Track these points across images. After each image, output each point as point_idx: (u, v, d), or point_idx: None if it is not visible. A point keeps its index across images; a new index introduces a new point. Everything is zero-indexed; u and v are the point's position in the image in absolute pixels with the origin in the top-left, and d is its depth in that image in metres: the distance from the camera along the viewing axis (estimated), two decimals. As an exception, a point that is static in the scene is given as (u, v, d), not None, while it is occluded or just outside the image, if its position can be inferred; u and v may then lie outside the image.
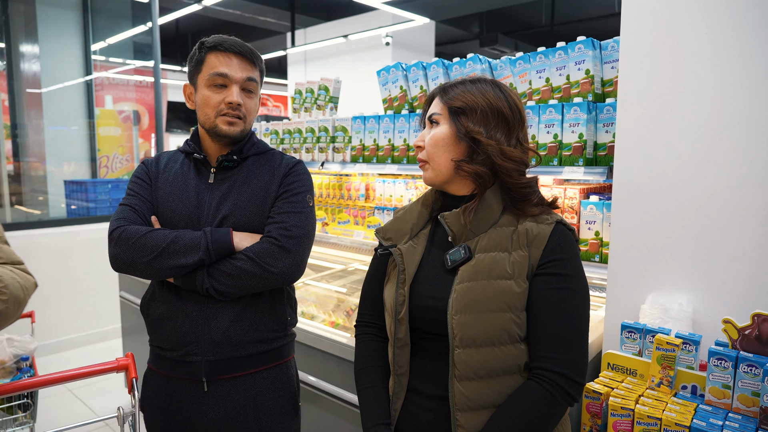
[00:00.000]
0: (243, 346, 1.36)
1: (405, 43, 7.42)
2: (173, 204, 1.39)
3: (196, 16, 7.48)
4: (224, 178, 1.41)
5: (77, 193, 5.09)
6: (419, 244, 1.17)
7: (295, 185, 1.42)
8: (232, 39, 1.38)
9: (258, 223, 1.39)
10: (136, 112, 6.81)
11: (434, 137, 1.12)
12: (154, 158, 1.50)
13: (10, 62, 6.28)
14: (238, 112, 1.37)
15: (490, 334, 1.02)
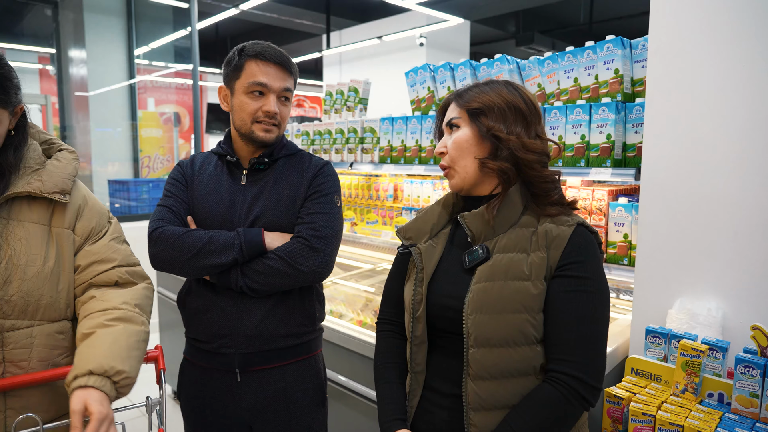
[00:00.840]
0: (274, 340, 1.42)
1: (439, 44, 7.40)
2: (208, 205, 1.45)
3: (234, 20, 7.65)
4: (256, 180, 1.46)
5: (120, 192, 5.29)
6: (439, 243, 1.18)
7: (323, 186, 1.47)
8: (271, 49, 1.42)
9: (288, 223, 1.43)
10: (176, 113, 7.03)
11: (457, 140, 1.13)
12: (189, 160, 1.55)
13: (60, 67, 6.58)
14: (275, 120, 1.42)
15: (505, 334, 1.02)
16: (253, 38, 1.50)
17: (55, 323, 1.16)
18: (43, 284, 1.13)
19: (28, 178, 1.14)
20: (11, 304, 1.09)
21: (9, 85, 1.07)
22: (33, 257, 1.13)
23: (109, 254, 1.23)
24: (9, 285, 1.09)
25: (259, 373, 1.43)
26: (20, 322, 1.11)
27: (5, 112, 1.08)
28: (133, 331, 1.14)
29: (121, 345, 1.09)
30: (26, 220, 1.14)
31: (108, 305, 1.15)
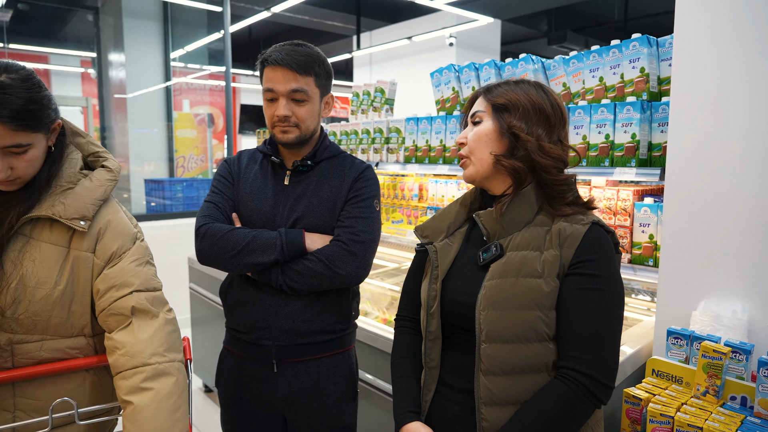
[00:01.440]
0: (309, 335, 1.47)
1: (470, 43, 7.37)
2: (252, 203, 1.50)
3: (267, 22, 7.78)
4: (298, 181, 1.50)
5: (155, 191, 5.46)
6: (455, 242, 1.20)
7: (363, 191, 1.49)
8: (280, 51, 1.41)
9: (328, 225, 1.48)
10: (210, 115, 7.20)
11: (477, 133, 1.14)
12: (236, 157, 1.60)
13: (100, 70, 6.83)
14: (288, 123, 1.44)
15: (517, 330, 1.03)
16: (285, 39, 1.52)
17: (68, 339, 1.18)
18: (52, 307, 1.14)
19: (54, 199, 1.15)
20: (19, 322, 1.12)
21: (40, 110, 1.08)
22: (43, 280, 1.13)
23: (127, 278, 1.19)
24: (18, 304, 1.11)
25: (294, 364, 1.48)
26: (30, 336, 1.14)
27: (40, 135, 1.10)
28: (171, 391, 1.12)
29: (164, 415, 1.09)
30: (45, 241, 1.15)
31: (137, 362, 1.12)
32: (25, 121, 1.04)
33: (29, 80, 1.07)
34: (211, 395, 3.45)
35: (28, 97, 1.05)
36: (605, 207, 1.88)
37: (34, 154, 1.10)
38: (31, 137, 1.08)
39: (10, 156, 1.06)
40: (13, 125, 1.03)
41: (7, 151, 1.05)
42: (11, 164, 1.07)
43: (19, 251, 1.12)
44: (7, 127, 1.02)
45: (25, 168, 1.09)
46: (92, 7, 6.74)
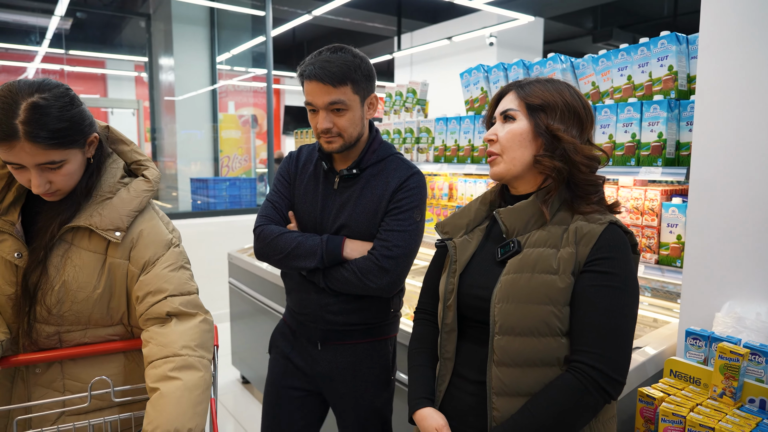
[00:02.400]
0: (350, 325, 1.56)
1: (511, 43, 7.30)
2: (305, 205, 1.59)
3: (309, 25, 7.94)
4: (346, 187, 1.55)
5: (201, 190, 5.67)
6: (474, 238, 1.23)
7: (403, 202, 1.50)
8: (314, 64, 1.42)
9: (369, 233, 1.52)
10: (254, 116, 7.41)
11: (512, 132, 1.15)
12: (296, 152, 1.68)
13: (151, 74, 7.14)
14: (330, 134, 1.48)
15: (530, 324, 1.05)
16: (328, 42, 1.55)
17: (108, 327, 1.27)
18: (92, 306, 1.22)
19: (93, 209, 1.20)
20: (64, 318, 1.21)
21: (72, 127, 1.11)
22: (84, 284, 1.20)
23: (161, 284, 1.23)
24: (62, 304, 1.20)
25: (335, 346, 1.58)
26: (74, 327, 1.24)
27: (74, 150, 1.14)
28: (196, 383, 1.16)
29: (186, 403, 1.12)
30: (85, 248, 1.21)
31: (169, 351, 1.17)
32: (57, 140, 1.08)
33: (62, 98, 1.10)
34: (248, 387, 3.57)
35: (60, 116, 1.08)
36: (632, 207, 1.86)
37: (70, 169, 1.14)
38: (65, 153, 1.11)
39: (47, 171, 1.11)
40: (46, 144, 1.06)
41: (43, 167, 1.10)
42: (49, 179, 1.12)
43: (61, 257, 1.19)
44: (41, 146, 1.06)
45: (63, 182, 1.14)
46: (144, 14, 7.07)
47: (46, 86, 1.09)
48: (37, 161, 1.07)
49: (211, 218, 4.99)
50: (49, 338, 1.23)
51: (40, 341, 1.22)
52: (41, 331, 1.22)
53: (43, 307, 1.19)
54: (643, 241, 1.83)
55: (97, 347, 1.27)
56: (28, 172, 1.09)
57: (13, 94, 1.04)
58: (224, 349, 3.92)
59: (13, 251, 1.17)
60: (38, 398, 1.23)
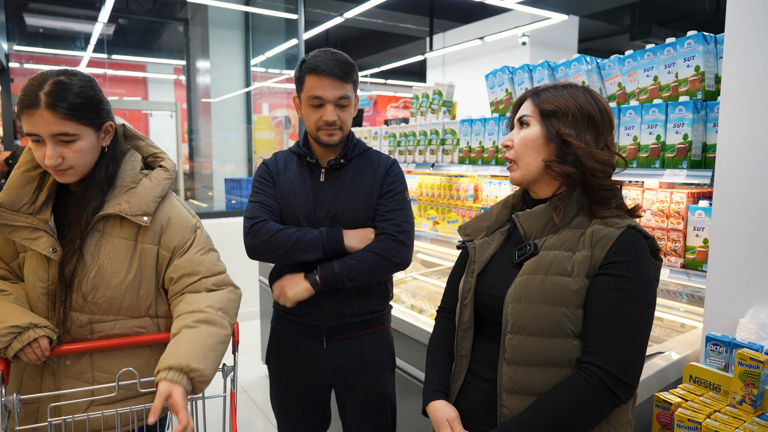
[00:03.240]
0: (354, 317, 1.64)
1: (545, 42, 7.20)
2: (294, 200, 1.64)
3: (342, 27, 8.02)
4: (333, 177, 1.64)
5: (234, 190, 5.81)
6: (494, 240, 1.25)
7: (395, 185, 1.64)
8: (325, 62, 1.52)
9: (364, 217, 1.62)
10: (287, 117, 7.53)
11: (524, 138, 1.17)
12: (272, 158, 1.74)
13: (189, 76, 7.36)
14: (335, 127, 1.56)
15: (541, 324, 1.06)
16: (360, 43, 1.64)
17: (136, 319, 1.36)
18: (124, 292, 1.31)
19: (120, 198, 1.30)
20: (98, 305, 1.30)
21: (89, 104, 1.22)
22: (117, 270, 1.30)
23: (194, 267, 1.36)
24: (97, 291, 1.29)
25: (341, 341, 1.64)
26: (105, 317, 1.32)
27: (88, 129, 1.23)
28: (213, 334, 1.28)
29: (199, 346, 1.24)
30: (116, 236, 1.31)
31: (194, 307, 1.30)
32: (74, 111, 1.18)
33: (84, 81, 1.22)
34: (277, 383, 3.64)
35: (79, 92, 1.19)
36: (658, 210, 1.83)
37: (82, 146, 1.22)
38: (79, 128, 1.20)
39: (60, 145, 1.19)
40: (62, 114, 1.16)
41: (57, 139, 1.18)
42: (62, 153, 1.19)
43: (95, 245, 1.29)
44: (58, 115, 1.16)
45: (74, 158, 1.21)
46: (183, 19, 7.28)
47: (73, 72, 1.22)
48: (52, 131, 1.17)
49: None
50: (82, 328, 1.30)
51: (73, 330, 1.30)
52: (75, 320, 1.29)
53: (79, 294, 1.28)
54: (668, 244, 1.80)
55: (127, 339, 1.34)
56: (44, 146, 1.19)
57: (44, 74, 1.19)
58: (254, 345, 4.01)
59: (48, 246, 1.25)
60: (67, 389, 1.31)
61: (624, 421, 1.11)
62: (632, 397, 1.12)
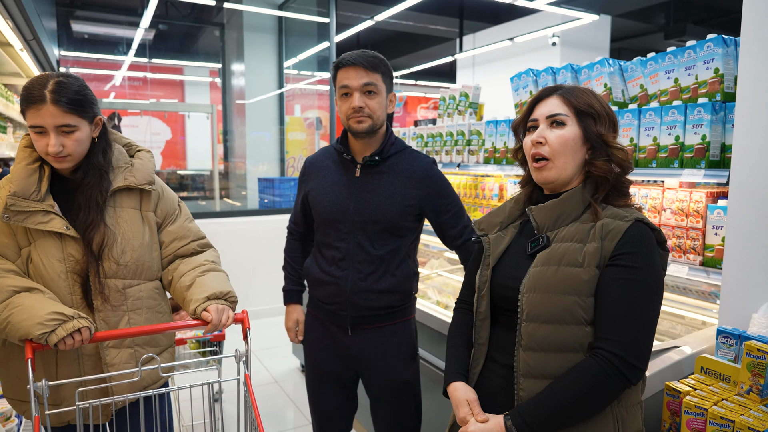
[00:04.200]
0: (378, 309, 1.73)
1: (576, 42, 7.17)
2: (329, 196, 1.75)
3: (373, 29, 8.14)
4: (369, 173, 1.73)
5: (267, 189, 5.99)
6: (507, 234, 1.33)
7: (444, 186, 1.79)
8: (353, 54, 1.65)
9: (397, 216, 1.70)
10: (318, 118, 7.69)
11: (564, 137, 1.20)
12: (313, 155, 1.88)
13: (224, 79, 7.59)
14: (362, 113, 1.65)
15: (554, 312, 1.13)
16: (391, 45, 1.76)
17: (152, 282, 1.56)
18: (144, 252, 1.52)
19: (124, 174, 1.50)
20: (128, 268, 1.48)
21: (85, 101, 1.40)
22: (136, 233, 1.50)
23: (185, 233, 1.62)
24: (125, 254, 1.47)
25: (365, 330, 1.76)
26: (134, 281, 1.50)
27: (84, 122, 1.41)
28: (221, 274, 1.58)
29: (219, 280, 1.53)
30: (126, 207, 1.51)
31: (196, 263, 1.57)
32: (74, 106, 1.36)
33: (80, 81, 1.41)
34: (307, 375, 3.77)
35: (78, 90, 1.38)
36: (677, 209, 1.87)
37: (80, 136, 1.40)
38: (78, 121, 1.38)
39: (61, 135, 1.36)
40: (66, 108, 1.34)
41: (59, 130, 1.36)
42: (62, 142, 1.37)
43: (112, 217, 1.48)
44: (62, 109, 1.34)
45: (73, 147, 1.39)
46: (219, 24, 7.52)
47: (67, 74, 1.41)
48: (56, 122, 1.35)
49: (278, 216, 5.27)
50: (119, 293, 1.46)
51: (111, 297, 1.44)
52: (112, 287, 1.45)
53: (111, 260, 1.44)
54: (687, 242, 1.84)
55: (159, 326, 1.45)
56: (47, 136, 1.36)
57: (46, 75, 1.38)
58: (285, 339, 4.15)
59: (62, 225, 1.40)
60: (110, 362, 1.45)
61: (633, 402, 1.18)
62: (642, 380, 1.19)
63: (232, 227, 4.92)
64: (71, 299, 1.42)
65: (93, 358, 1.45)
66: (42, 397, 1.20)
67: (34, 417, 1.13)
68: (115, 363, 1.45)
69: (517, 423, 1.12)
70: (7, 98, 3.57)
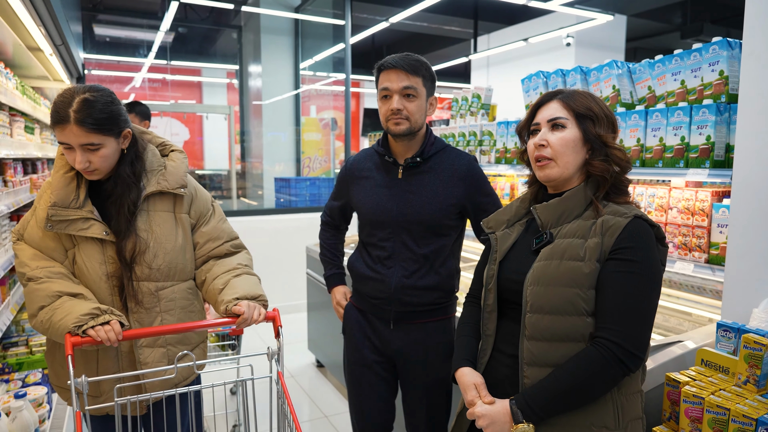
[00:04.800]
0: (421, 306, 1.78)
1: (591, 42, 7.17)
2: (374, 198, 1.81)
3: (388, 30, 8.21)
4: (410, 175, 1.78)
5: (283, 189, 6.09)
6: (514, 231, 1.40)
7: (482, 182, 1.80)
8: (394, 57, 1.68)
9: (441, 216, 1.74)
10: (334, 119, 7.79)
11: (565, 139, 1.28)
12: (353, 158, 1.94)
13: (241, 80, 7.73)
14: (400, 115, 1.69)
15: (557, 304, 1.20)
16: (406, 46, 1.81)
17: (185, 282, 1.59)
18: (177, 255, 1.55)
19: (156, 179, 1.53)
20: (161, 271, 1.52)
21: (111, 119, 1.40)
22: (168, 236, 1.54)
23: (218, 233, 1.65)
24: (157, 258, 1.51)
25: (406, 325, 1.80)
26: (167, 283, 1.54)
27: (110, 138, 1.42)
28: (254, 278, 1.60)
29: (252, 283, 1.55)
30: (159, 210, 1.54)
31: (230, 266, 1.60)
32: (98, 126, 1.38)
33: (105, 97, 1.41)
34: (322, 370, 3.86)
35: (102, 108, 1.39)
36: (683, 207, 1.92)
37: (105, 153, 1.42)
38: (102, 139, 1.40)
39: (87, 152, 1.39)
40: (90, 128, 1.36)
41: (84, 148, 1.38)
42: (89, 158, 1.40)
43: (145, 221, 1.51)
44: (85, 130, 1.36)
45: (99, 162, 1.42)
46: (236, 26, 7.66)
47: (96, 88, 1.41)
48: (80, 141, 1.37)
49: (293, 215, 5.37)
50: (152, 295, 1.51)
51: (145, 300, 1.50)
52: (145, 290, 1.50)
53: (144, 264, 1.49)
54: (693, 240, 1.89)
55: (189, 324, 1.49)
56: (74, 152, 1.39)
57: (71, 91, 1.38)
58: (302, 335, 4.24)
59: (101, 231, 1.46)
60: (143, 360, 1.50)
61: (633, 390, 1.23)
62: (642, 370, 1.25)
63: (248, 226, 5.03)
64: (111, 300, 1.49)
65: (130, 356, 1.52)
66: (82, 393, 1.25)
67: (75, 411, 1.19)
68: (148, 362, 1.50)
69: (521, 406, 1.18)
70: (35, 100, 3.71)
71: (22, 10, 2.24)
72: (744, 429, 1.18)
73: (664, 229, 1.98)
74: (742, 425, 1.18)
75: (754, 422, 1.16)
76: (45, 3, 2.30)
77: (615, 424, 1.17)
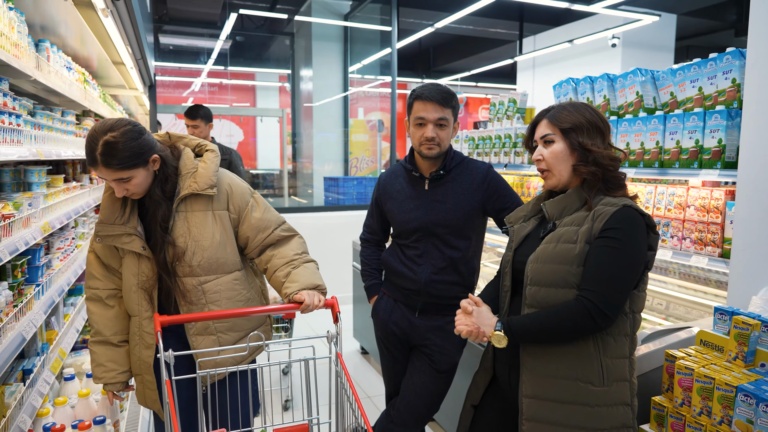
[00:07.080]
0: (445, 299, 2.03)
1: (638, 42, 7.13)
2: (406, 208, 2.07)
3: (434, 34, 8.43)
4: (436, 186, 2.04)
5: (332, 187, 6.42)
6: (529, 225, 1.62)
7: (500, 186, 2.03)
8: (430, 89, 1.91)
9: (464, 220, 2.00)
10: (380, 121, 8.07)
11: (554, 152, 1.51)
12: (384, 175, 2.21)
13: (293, 84, 8.12)
14: (434, 142, 1.95)
15: (551, 278, 1.42)
16: (452, 48, 2.02)
17: (229, 274, 1.70)
18: (215, 251, 1.65)
19: (188, 182, 1.62)
20: (201, 266, 1.63)
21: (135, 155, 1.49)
22: (205, 234, 1.63)
23: (266, 224, 1.73)
24: (195, 255, 1.62)
25: (430, 314, 2.05)
26: (209, 277, 1.66)
27: (138, 170, 1.53)
28: (313, 266, 1.72)
29: (313, 273, 1.68)
30: (195, 210, 1.64)
31: (288, 258, 1.71)
32: (122, 164, 1.48)
33: (127, 134, 1.49)
34: (366, 356, 4.13)
35: (125, 148, 1.48)
36: (700, 205, 2.07)
37: (137, 181, 1.54)
38: (131, 172, 1.51)
39: (121, 183, 1.53)
40: (116, 168, 1.48)
41: (118, 181, 1.52)
42: (125, 188, 1.54)
43: (183, 221, 1.63)
44: (112, 169, 1.48)
45: (134, 188, 1.55)
46: (289, 33, 8.07)
47: (117, 126, 1.50)
48: (112, 178, 1.52)
49: (341, 212, 5.68)
50: (195, 288, 1.64)
51: (190, 294, 1.64)
52: (188, 284, 1.63)
53: (184, 263, 1.62)
54: (708, 236, 2.04)
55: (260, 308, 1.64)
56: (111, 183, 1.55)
57: (95, 135, 1.48)
58: (347, 325, 4.52)
59: (140, 246, 1.62)
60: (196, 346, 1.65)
61: (618, 354, 1.41)
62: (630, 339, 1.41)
63: (298, 222, 5.30)
64: (138, 309, 1.67)
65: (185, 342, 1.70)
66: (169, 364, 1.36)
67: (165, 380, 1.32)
68: (200, 348, 1.64)
69: (504, 321, 1.44)
70: (112, 107, 4.16)
71: (113, 29, 2.59)
72: (726, 395, 1.36)
73: (683, 226, 2.13)
74: (724, 392, 1.36)
75: (734, 389, 1.34)
76: (132, 22, 2.65)
77: (600, 381, 1.37)
